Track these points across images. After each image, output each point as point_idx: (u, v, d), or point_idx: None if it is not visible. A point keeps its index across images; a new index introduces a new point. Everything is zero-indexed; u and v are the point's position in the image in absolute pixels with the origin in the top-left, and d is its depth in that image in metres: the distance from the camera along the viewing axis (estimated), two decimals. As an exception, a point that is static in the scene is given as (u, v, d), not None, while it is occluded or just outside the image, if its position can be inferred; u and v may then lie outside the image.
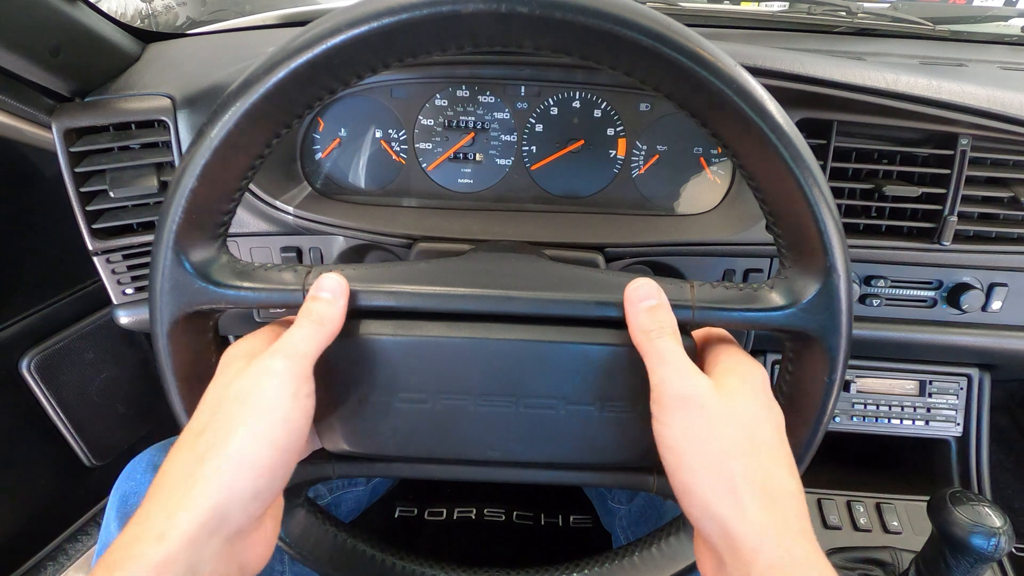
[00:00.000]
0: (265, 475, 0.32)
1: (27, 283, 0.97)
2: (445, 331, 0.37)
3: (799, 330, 0.36)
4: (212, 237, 0.37)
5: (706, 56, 0.31)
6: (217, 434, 0.32)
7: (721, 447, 0.32)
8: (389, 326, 0.37)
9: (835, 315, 0.35)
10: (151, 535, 0.29)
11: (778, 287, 0.37)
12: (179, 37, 0.77)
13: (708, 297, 0.37)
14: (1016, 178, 0.66)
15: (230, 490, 0.30)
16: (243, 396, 0.33)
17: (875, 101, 0.61)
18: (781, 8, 1.02)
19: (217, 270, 0.37)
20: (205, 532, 0.30)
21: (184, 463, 0.31)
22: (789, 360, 0.39)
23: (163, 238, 0.35)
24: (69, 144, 0.62)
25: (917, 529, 0.80)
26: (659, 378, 0.35)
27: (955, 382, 0.82)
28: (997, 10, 1.05)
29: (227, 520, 0.30)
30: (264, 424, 0.32)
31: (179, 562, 0.29)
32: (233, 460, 0.31)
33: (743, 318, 0.36)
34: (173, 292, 0.36)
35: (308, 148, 0.70)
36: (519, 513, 0.94)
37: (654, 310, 0.36)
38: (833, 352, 0.36)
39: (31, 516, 1.02)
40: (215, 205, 0.36)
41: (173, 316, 0.36)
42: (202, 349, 0.39)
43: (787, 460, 0.34)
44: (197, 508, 0.30)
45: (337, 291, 0.37)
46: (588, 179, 0.70)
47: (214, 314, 0.38)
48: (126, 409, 1.12)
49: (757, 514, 0.31)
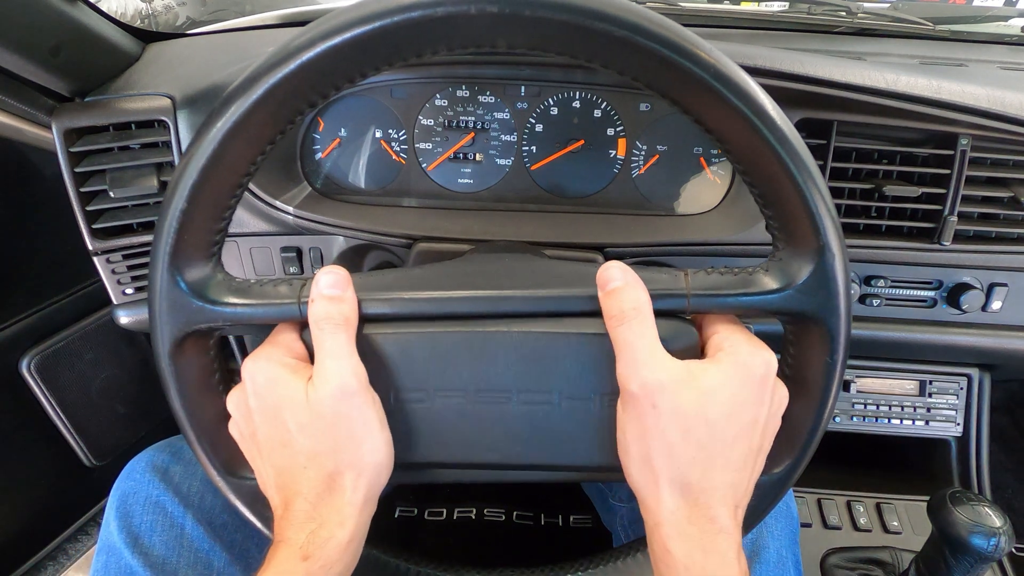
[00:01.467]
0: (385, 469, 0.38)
1: (27, 283, 0.96)
2: (438, 327, 0.38)
3: (796, 312, 0.36)
4: (206, 256, 0.37)
5: (672, 37, 0.30)
6: (340, 458, 0.36)
7: (654, 445, 0.34)
8: (384, 326, 0.38)
9: (832, 295, 0.35)
10: (334, 524, 0.35)
11: (772, 270, 0.36)
12: (179, 37, 0.77)
13: (702, 284, 0.37)
14: (1016, 178, 0.66)
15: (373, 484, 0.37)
16: (346, 424, 0.36)
17: (875, 101, 0.61)
18: (781, 8, 1.02)
19: (213, 288, 0.37)
20: (364, 518, 0.37)
21: (317, 481, 0.36)
22: (790, 343, 0.39)
23: (158, 260, 0.35)
24: (69, 144, 0.62)
25: (917, 529, 0.80)
26: (620, 373, 0.35)
27: (955, 382, 0.82)
28: (997, 10, 1.05)
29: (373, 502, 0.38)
30: (380, 439, 0.37)
31: (356, 539, 0.36)
32: (365, 470, 0.36)
33: (739, 303, 0.36)
34: (171, 312, 0.36)
35: (308, 148, 0.70)
36: (519, 513, 0.94)
37: (616, 292, 0.35)
38: (833, 332, 0.35)
39: (31, 516, 1.02)
40: (206, 224, 0.36)
41: (174, 337, 0.36)
42: (205, 365, 0.39)
43: (726, 456, 0.34)
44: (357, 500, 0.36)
45: (342, 283, 0.37)
46: (588, 179, 0.70)
47: (213, 331, 0.39)
48: (126, 409, 1.12)
49: (670, 502, 0.34)
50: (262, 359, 0.37)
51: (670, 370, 0.34)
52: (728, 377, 0.34)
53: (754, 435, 0.35)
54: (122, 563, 0.51)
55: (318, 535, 0.35)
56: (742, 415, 0.34)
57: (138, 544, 0.52)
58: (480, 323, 0.38)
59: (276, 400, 0.36)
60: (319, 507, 0.35)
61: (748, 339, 0.36)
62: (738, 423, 0.34)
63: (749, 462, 0.35)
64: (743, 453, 0.35)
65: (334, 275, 0.37)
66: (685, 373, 0.34)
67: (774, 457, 0.39)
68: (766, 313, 0.36)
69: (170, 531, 0.53)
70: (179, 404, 0.38)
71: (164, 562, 0.52)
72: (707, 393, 0.34)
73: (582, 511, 0.94)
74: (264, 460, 0.38)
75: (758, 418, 0.35)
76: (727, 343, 0.36)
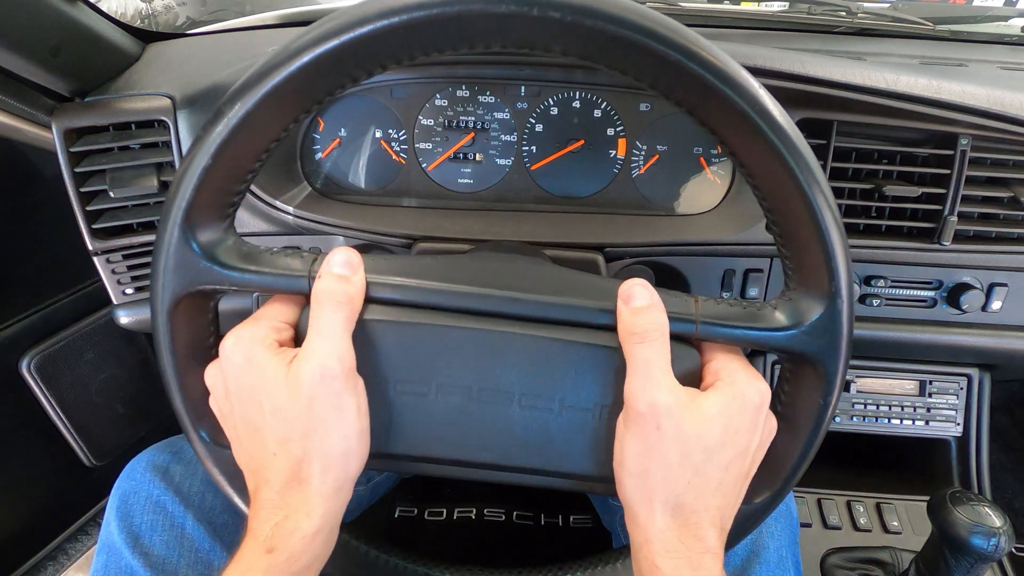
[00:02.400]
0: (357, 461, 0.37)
1: (27, 283, 0.97)
2: (445, 319, 0.37)
3: (799, 352, 0.36)
4: (221, 218, 0.36)
5: (716, 63, 0.30)
6: (309, 445, 0.35)
7: (653, 465, 0.34)
8: (391, 312, 0.37)
9: (836, 340, 0.35)
10: (300, 514, 0.34)
11: (782, 307, 0.37)
12: (179, 37, 0.77)
13: (712, 312, 0.37)
14: (1016, 178, 0.66)
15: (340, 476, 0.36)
16: (319, 409, 0.34)
17: (875, 101, 0.61)
18: (781, 8, 1.03)
19: (224, 252, 0.36)
20: (334, 509, 0.36)
21: (284, 469, 0.35)
22: (786, 380, 0.40)
23: (171, 216, 0.34)
24: (69, 144, 0.62)
25: (917, 529, 0.80)
26: (629, 390, 0.35)
27: (955, 382, 0.82)
28: (997, 10, 1.05)
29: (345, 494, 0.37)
30: (354, 428, 0.36)
31: (324, 530, 0.35)
32: (333, 459, 0.35)
33: (745, 336, 0.36)
34: (177, 271, 0.35)
35: (308, 148, 0.70)
36: (519, 513, 0.94)
37: (643, 311, 0.35)
38: (831, 376, 0.36)
39: (31, 516, 1.02)
40: (227, 185, 0.35)
41: (175, 295, 0.36)
42: (201, 329, 0.39)
43: (719, 480, 0.35)
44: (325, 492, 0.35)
45: (354, 264, 0.36)
46: (588, 179, 0.70)
47: (216, 295, 0.38)
48: (126, 409, 1.12)
49: (661, 520, 0.35)
50: (244, 338, 0.36)
51: (677, 394, 0.34)
52: (727, 405, 0.35)
53: (745, 461, 0.36)
54: (122, 563, 0.51)
55: (283, 526, 0.34)
56: (737, 442, 0.35)
57: (138, 544, 0.52)
58: (491, 322, 0.38)
59: (252, 381, 0.35)
60: (286, 496, 0.34)
61: (745, 368, 0.37)
62: (733, 450, 0.35)
63: (738, 486, 0.37)
64: (734, 478, 0.36)
65: (347, 255, 0.36)
66: (689, 399, 0.35)
67: (755, 487, 0.40)
68: (771, 350, 0.37)
69: (170, 531, 0.53)
70: (170, 365, 0.37)
71: (164, 562, 0.52)
72: (708, 420, 0.34)
73: (582, 511, 0.94)
74: (237, 443, 0.37)
75: (750, 445, 0.36)
76: (725, 371, 0.36)
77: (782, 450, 0.39)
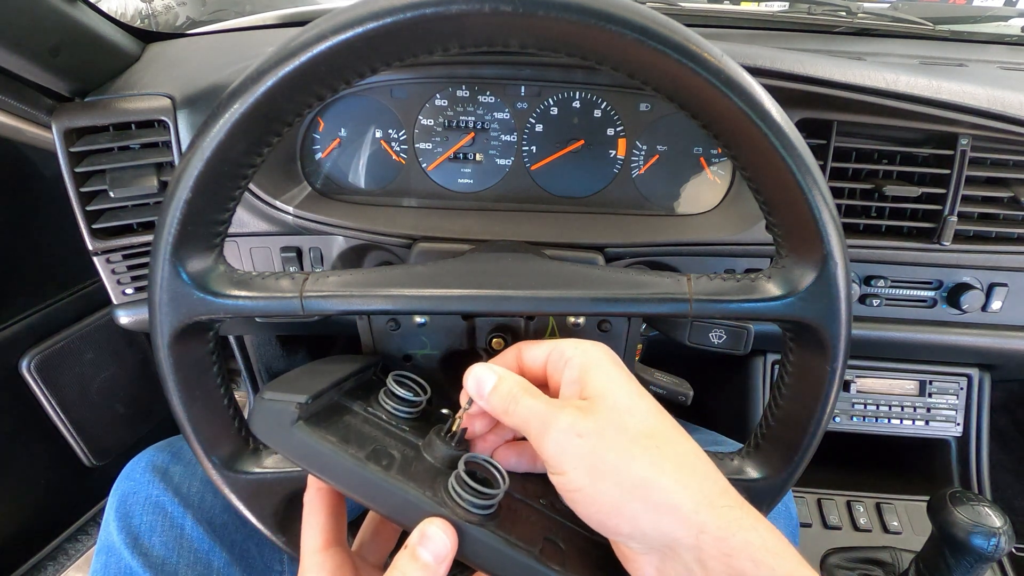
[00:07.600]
0: None
1: (27, 283, 0.97)
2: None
3: (798, 319, 0.36)
4: (208, 247, 0.37)
5: (689, 46, 0.30)
6: None
7: (607, 468, 0.31)
8: None
9: (833, 303, 0.35)
10: None
11: (775, 277, 0.37)
12: (179, 37, 0.77)
13: (705, 289, 0.37)
14: (1016, 178, 0.66)
15: None
16: None
17: (875, 101, 0.61)
18: (781, 8, 1.03)
19: (215, 280, 0.37)
20: None
21: None
22: (789, 351, 0.39)
23: (160, 250, 0.35)
24: (69, 144, 0.62)
25: (917, 529, 0.80)
26: (540, 453, 0.33)
27: (955, 382, 0.82)
28: (997, 10, 1.05)
29: None
30: None
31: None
32: None
33: (741, 309, 0.36)
34: (172, 304, 0.36)
35: (308, 148, 0.70)
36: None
37: (495, 391, 0.35)
38: (833, 340, 0.36)
39: (31, 516, 1.02)
40: (210, 215, 0.36)
41: (174, 328, 0.36)
42: (203, 358, 0.39)
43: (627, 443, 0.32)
44: None
45: (442, 554, 0.31)
46: (588, 179, 0.70)
47: (214, 324, 0.39)
48: (126, 409, 1.12)
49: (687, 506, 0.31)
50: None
51: (565, 416, 0.32)
52: (610, 395, 0.33)
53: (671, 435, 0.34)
54: (122, 563, 0.51)
55: None
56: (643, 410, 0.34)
57: (138, 544, 0.52)
58: None
59: None
60: None
61: (588, 361, 0.35)
62: (641, 423, 0.34)
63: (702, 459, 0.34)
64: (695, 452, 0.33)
65: (443, 542, 0.31)
66: (582, 408, 0.33)
67: (775, 460, 0.40)
68: (768, 319, 0.37)
69: (170, 531, 0.53)
70: (177, 397, 0.38)
71: (164, 562, 0.52)
72: (606, 416, 0.33)
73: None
74: None
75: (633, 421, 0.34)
76: (584, 377, 0.35)
77: (794, 423, 0.39)
